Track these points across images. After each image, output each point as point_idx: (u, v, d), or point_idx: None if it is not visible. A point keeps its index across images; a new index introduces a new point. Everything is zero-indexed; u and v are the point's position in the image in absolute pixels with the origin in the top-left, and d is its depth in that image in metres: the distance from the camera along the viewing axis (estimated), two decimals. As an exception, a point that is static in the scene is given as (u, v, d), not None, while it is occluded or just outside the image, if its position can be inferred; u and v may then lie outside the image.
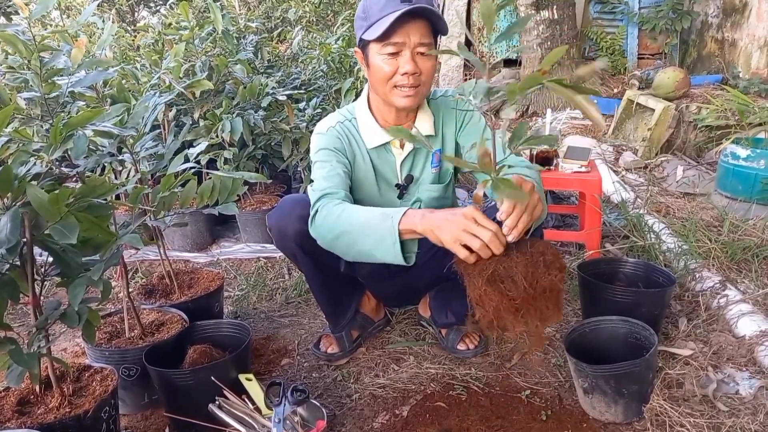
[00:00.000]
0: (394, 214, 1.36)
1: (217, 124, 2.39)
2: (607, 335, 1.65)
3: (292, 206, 1.70)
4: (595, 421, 1.51)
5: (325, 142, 1.70)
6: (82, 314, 1.22)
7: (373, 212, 1.42)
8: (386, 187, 1.79)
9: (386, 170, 1.76)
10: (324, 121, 1.76)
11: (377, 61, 1.55)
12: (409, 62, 1.52)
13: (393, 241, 1.35)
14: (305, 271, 1.82)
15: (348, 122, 1.74)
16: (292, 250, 1.72)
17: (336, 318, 1.92)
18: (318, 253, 1.62)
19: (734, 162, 2.86)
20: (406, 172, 1.76)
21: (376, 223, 1.38)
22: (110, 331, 1.74)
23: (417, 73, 1.54)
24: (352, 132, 1.73)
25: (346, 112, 1.76)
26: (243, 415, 1.47)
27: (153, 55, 2.63)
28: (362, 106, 1.73)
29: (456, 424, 1.52)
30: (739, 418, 1.47)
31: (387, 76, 1.55)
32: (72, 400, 1.34)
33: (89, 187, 1.21)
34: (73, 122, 1.22)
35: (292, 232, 1.68)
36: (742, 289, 2.06)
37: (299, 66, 3.66)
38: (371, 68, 1.59)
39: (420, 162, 1.77)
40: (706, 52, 5.00)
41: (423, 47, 1.52)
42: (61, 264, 1.25)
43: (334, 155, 1.68)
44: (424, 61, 1.55)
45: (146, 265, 2.82)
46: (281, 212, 1.72)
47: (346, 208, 1.47)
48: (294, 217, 1.67)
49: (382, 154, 1.74)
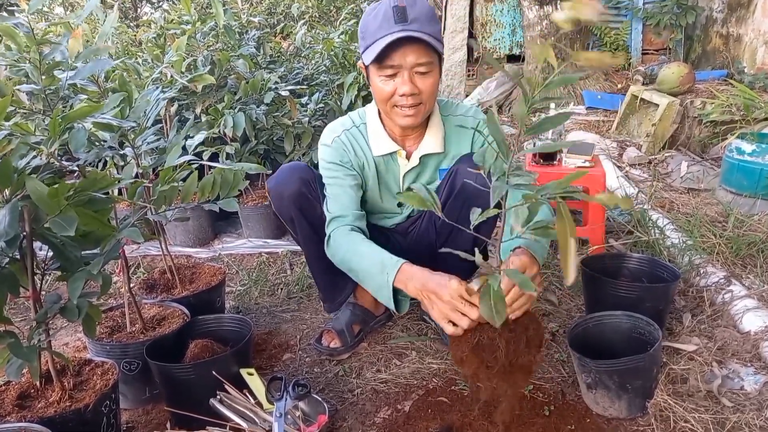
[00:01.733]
0: (390, 270, 1.43)
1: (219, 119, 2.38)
2: (611, 330, 1.64)
3: (291, 170, 1.72)
4: (598, 416, 1.50)
5: (331, 155, 1.71)
6: (82, 308, 1.21)
7: (373, 260, 1.50)
8: (388, 195, 1.79)
9: (390, 179, 1.76)
10: (330, 130, 1.75)
11: (376, 82, 1.55)
12: (406, 83, 1.51)
13: (388, 295, 1.45)
14: (302, 237, 1.80)
15: (355, 129, 1.73)
16: (289, 213, 1.72)
17: (333, 293, 1.90)
18: (316, 217, 1.63)
19: (739, 157, 2.84)
20: (408, 182, 1.76)
21: (376, 272, 1.47)
22: (111, 325, 1.73)
23: (416, 93, 1.53)
24: (358, 139, 1.73)
25: (357, 117, 1.76)
26: (244, 410, 1.46)
27: (155, 49, 2.62)
28: (373, 113, 1.72)
29: (458, 419, 1.51)
30: (744, 413, 1.45)
31: (386, 96, 1.55)
32: (72, 394, 1.33)
33: (89, 180, 1.20)
34: (72, 116, 1.21)
35: (290, 193, 1.68)
36: (747, 285, 2.05)
37: (302, 61, 3.64)
38: (372, 87, 1.59)
39: (425, 177, 1.77)
40: (711, 48, 4.97)
41: (422, 67, 1.51)
42: (61, 258, 1.25)
43: (342, 170, 1.69)
44: (423, 79, 1.53)
45: (148, 260, 2.82)
46: (280, 175, 1.73)
47: (351, 246, 1.56)
48: (293, 179, 1.69)
49: (389, 163, 1.74)
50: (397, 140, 1.72)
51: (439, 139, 1.71)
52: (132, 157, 1.72)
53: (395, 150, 1.70)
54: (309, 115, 2.88)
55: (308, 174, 1.75)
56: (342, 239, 1.60)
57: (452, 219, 1.67)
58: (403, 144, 1.73)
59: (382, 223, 1.87)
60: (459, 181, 1.61)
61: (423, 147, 1.71)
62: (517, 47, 5.95)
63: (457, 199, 1.63)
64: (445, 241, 1.72)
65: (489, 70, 5.94)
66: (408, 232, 1.87)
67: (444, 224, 1.69)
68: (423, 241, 1.81)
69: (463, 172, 1.60)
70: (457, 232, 1.68)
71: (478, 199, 1.60)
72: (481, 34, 5.99)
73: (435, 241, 1.76)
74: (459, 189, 1.62)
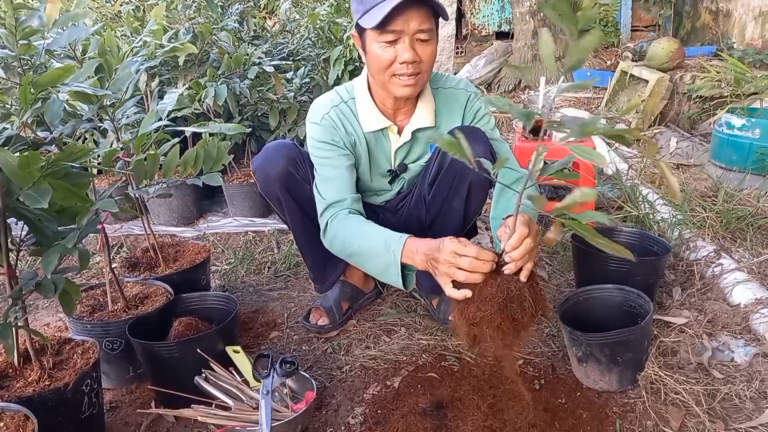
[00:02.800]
0: (395, 247, 1.38)
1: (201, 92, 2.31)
2: (602, 304, 1.62)
3: (276, 148, 1.65)
4: (588, 389, 1.49)
5: (321, 134, 1.64)
6: (58, 284, 1.17)
7: (376, 239, 1.44)
8: (378, 172, 1.74)
9: (380, 155, 1.71)
10: (318, 106, 1.68)
11: (374, 49, 1.47)
12: (408, 50, 1.44)
13: (397, 273, 1.39)
14: (291, 218, 1.74)
15: (344, 104, 1.66)
16: (276, 193, 1.66)
17: (323, 273, 1.87)
18: (304, 197, 1.58)
19: (729, 132, 2.83)
20: (400, 159, 1.72)
21: (381, 252, 1.42)
22: (93, 304, 1.69)
23: (417, 61, 1.47)
24: (348, 116, 1.66)
25: (344, 92, 1.69)
26: (230, 388, 1.43)
27: (134, 21, 2.54)
28: (362, 87, 1.65)
29: (448, 394, 1.50)
30: (734, 385, 1.45)
31: (385, 64, 1.48)
32: (52, 374, 1.30)
33: (65, 153, 1.15)
34: (43, 81, 1.15)
35: (276, 174, 1.62)
36: (736, 258, 2.04)
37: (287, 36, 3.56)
38: (369, 55, 1.52)
39: (416, 151, 1.72)
40: (700, 24, 4.94)
41: (423, 34, 1.45)
42: (37, 232, 1.20)
43: (334, 150, 1.62)
44: (424, 47, 1.47)
45: (132, 239, 2.76)
46: (265, 155, 1.66)
47: (352, 231, 1.50)
48: (279, 158, 1.62)
49: (379, 139, 1.68)
50: (388, 115, 1.66)
51: (430, 112, 1.66)
52: (111, 130, 1.66)
53: (387, 126, 1.65)
54: (294, 90, 2.82)
55: (294, 152, 1.69)
56: (340, 225, 1.53)
57: (443, 194, 1.64)
58: (394, 119, 1.67)
59: (371, 201, 1.83)
60: (449, 156, 1.57)
61: (415, 121, 1.66)
62: (506, 24, 5.88)
63: (447, 173, 1.59)
64: (435, 217, 1.69)
65: (477, 47, 5.87)
66: (398, 209, 1.83)
67: (434, 200, 1.66)
68: (413, 218, 1.77)
69: None
70: (447, 207, 1.65)
71: (468, 174, 1.57)
72: (470, 10, 5.91)
73: (425, 217, 1.72)
74: (449, 164, 1.58)
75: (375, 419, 1.43)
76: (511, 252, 1.17)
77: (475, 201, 1.64)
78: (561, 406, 1.44)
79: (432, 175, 1.64)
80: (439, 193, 1.64)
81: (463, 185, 1.58)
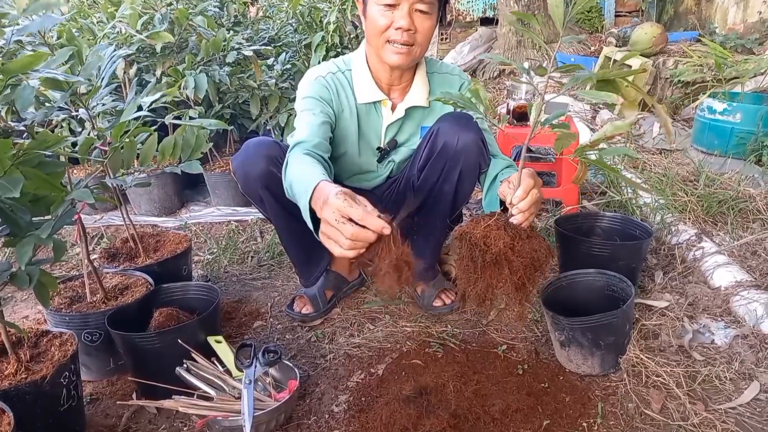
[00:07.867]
0: (309, 188, 1.17)
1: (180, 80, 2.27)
2: (584, 288, 1.63)
3: (256, 147, 1.61)
4: (571, 373, 1.50)
5: (310, 90, 1.63)
6: (33, 275, 1.14)
7: (306, 178, 1.22)
8: (367, 149, 1.73)
9: (370, 130, 1.70)
10: (314, 69, 1.69)
11: (373, 12, 1.50)
12: (404, 17, 1.47)
13: (307, 217, 1.20)
14: (273, 217, 1.70)
15: (341, 74, 1.67)
16: (257, 193, 1.62)
17: (308, 269, 1.86)
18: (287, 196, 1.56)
19: (710, 116, 2.85)
20: (390, 136, 1.71)
21: (302, 192, 1.21)
22: (71, 295, 1.66)
23: (411, 30, 1.49)
24: (343, 84, 1.66)
25: (342, 63, 1.70)
26: (212, 378, 1.42)
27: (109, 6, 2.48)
28: (360, 59, 1.67)
29: (432, 380, 1.50)
30: (714, 366, 1.46)
31: (381, 29, 1.50)
32: (29, 366, 1.27)
33: (38, 141, 1.12)
34: (12, 68, 1.11)
35: (256, 173, 1.58)
36: (717, 242, 2.06)
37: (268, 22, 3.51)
38: (367, 20, 1.54)
39: (408, 131, 1.71)
40: (683, 9, 4.95)
41: (423, 5, 1.47)
42: (10, 223, 1.17)
43: (319, 104, 1.61)
44: (422, 20, 1.49)
45: (112, 230, 2.72)
46: (245, 154, 1.61)
47: (295, 167, 1.33)
48: (259, 157, 1.57)
49: (371, 113, 1.68)
50: (383, 89, 1.67)
51: (425, 92, 1.68)
52: (86, 119, 1.62)
53: (380, 99, 1.65)
54: (276, 76, 2.78)
55: (275, 150, 1.62)
56: (290, 160, 1.37)
57: (433, 179, 1.63)
58: (388, 94, 1.68)
59: (361, 185, 1.81)
60: (440, 141, 1.55)
61: (409, 99, 1.67)
62: (491, 9, 5.85)
63: (438, 160, 1.58)
64: (424, 203, 1.67)
65: (462, 33, 5.84)
66: (386, 195, 1.82)
67: (423, 185, 1.65)
68: (401, 202, 1.76)
69: (445, 132, 1.55)
70: (436, 193, 1.64)
71: (459, 161, 1.55)
72: (454, -4, 5.87)
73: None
74: (440, 150, 1.57)
75: (359, 407, 1.43)
76: (518, 203, 1.20)
77: (464, 188, 1.63)
78: (544, 390, 1.44)
79: (422, 161, 1.63)
80: (428, 178, 1.63)
81: (454, 172, 1.57)
